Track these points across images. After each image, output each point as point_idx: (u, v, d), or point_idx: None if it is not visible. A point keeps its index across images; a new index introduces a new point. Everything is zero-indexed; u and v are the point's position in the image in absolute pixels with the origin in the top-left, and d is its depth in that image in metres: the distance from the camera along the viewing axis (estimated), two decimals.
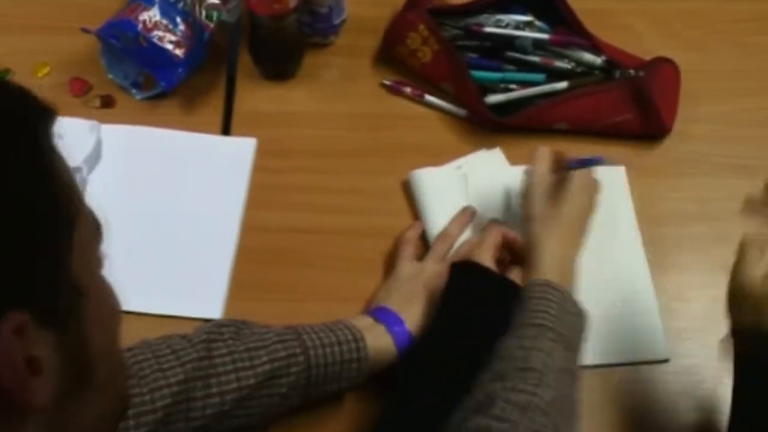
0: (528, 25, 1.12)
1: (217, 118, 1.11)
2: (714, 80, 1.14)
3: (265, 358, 0.80)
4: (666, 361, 0.93)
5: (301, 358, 0.81)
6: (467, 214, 0.99)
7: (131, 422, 0.73)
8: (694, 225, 1.02)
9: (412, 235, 0.98)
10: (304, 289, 0.99)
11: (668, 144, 1.09)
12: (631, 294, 0.97)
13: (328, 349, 0.83)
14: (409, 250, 0.96)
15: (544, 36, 1.09)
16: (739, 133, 1.10)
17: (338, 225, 1.03)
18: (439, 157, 1.07)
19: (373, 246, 1.01)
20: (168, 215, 1.02)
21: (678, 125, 1.10)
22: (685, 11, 1.20)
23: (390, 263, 0.99)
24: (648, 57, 1.11)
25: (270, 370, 0.80)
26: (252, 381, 0.79)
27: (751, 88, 1.14)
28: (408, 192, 1.04)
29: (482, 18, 1.12)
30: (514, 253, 0.94)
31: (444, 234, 0.98)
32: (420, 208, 1.02)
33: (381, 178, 1.07)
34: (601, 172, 0.95)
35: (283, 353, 0.81)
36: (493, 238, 0.92)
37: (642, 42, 1.16)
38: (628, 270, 0.99)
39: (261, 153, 1.08)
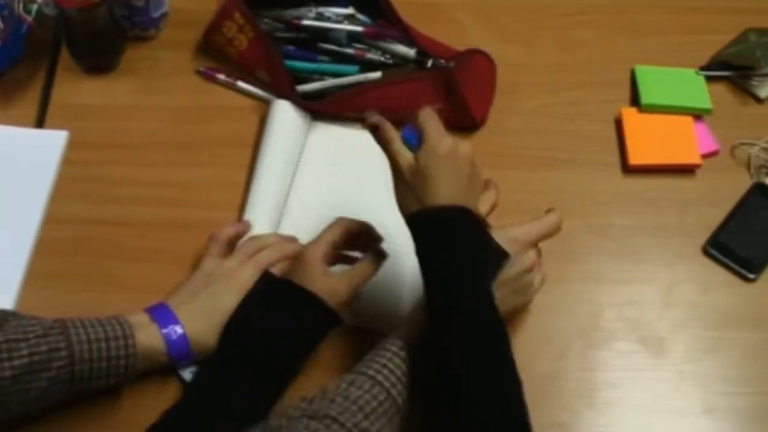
0: (349, 18, 1.12)
1: (33, 111, 1.10)
2: (537, 74, 1.14)
3: (24, 351, 0.79)
4: None
5: (64, 353, 0.80)
6: (293, 245, 0.95)
7: None
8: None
9: (224, 234, 0.95)
10: (108, 281, 0.99)
11: (480, 136, 1.09)
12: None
13: (94, 345, 0.82)
14: (215, 248, 0.94)
15: (358, 28, 1.09)
16: (555, 126, 1.10)
17: (148, 217, 1.03)
18: (256, 149, 1.07)
19: (181, 238, 1.01)
20: None
21: (494, 117, 1.10)
22: (511, 5, 1.19)
23: (200, 256, 0.98)
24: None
25: (28, 363, 0.78)
26: (7, 373, 0.78)
27: (573, 81, 1.14)
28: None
29: (303, 10, 1.11)
30: (363, 243, 0.93)
31: (256, 238, 0.95)
32: (264, 138, 1.04)
33: (196, 169, 1.07)
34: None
35: (44, 347, 0.80)
36: (330, 236, 0.90)
37: (468, 36, 1.16)
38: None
39: (75, 146, 1.08)
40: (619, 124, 1.09)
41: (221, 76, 1.11)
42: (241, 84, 1.11)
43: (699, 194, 1.05)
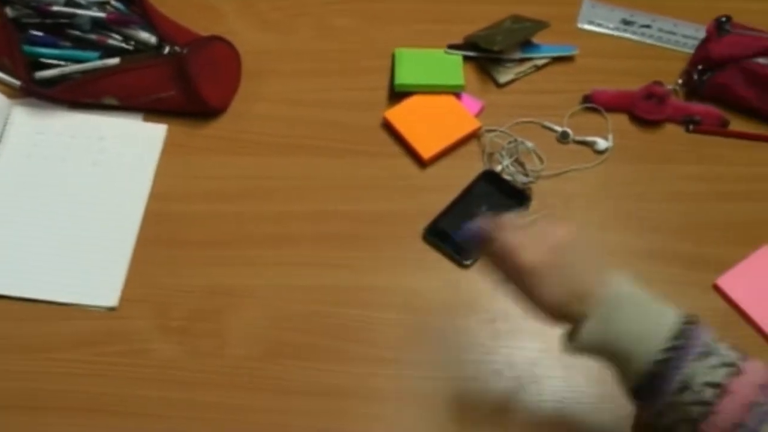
0: (103, 4, 1.12)
1: None
2: (292, 61, 1.15)
3: None
4: (114, 309, 0.95)
5: None
6: None
7: None
8: (217, 202, 1.03)
9: None
10: None
11: (221, 122, 1.09)
12: (111, 241, 0.99)
13: None
14: None
15: (101, 15, 1.09)
16: (304, 113, 1.10)
17: None
18: None
19: None
20: None
21: (239, 104, 1.10)
22: None
23: None
24: (229, 38, 1.11)
25: None
26: None
27: (329, 69, 1.14)
28: None
29: None
30: None
31: None
32: None
33: None
34: (140, 127, 1.06)
35: None
36: None
37: (225, 23, 1.17)
38: (121, 218, 1.01)
39: None
40: (390, 128, 1.08)
41: None
42: None
43: (431, 181, 1.05)
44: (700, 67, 1.10)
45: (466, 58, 1.13)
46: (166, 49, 1.07)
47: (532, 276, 0.73)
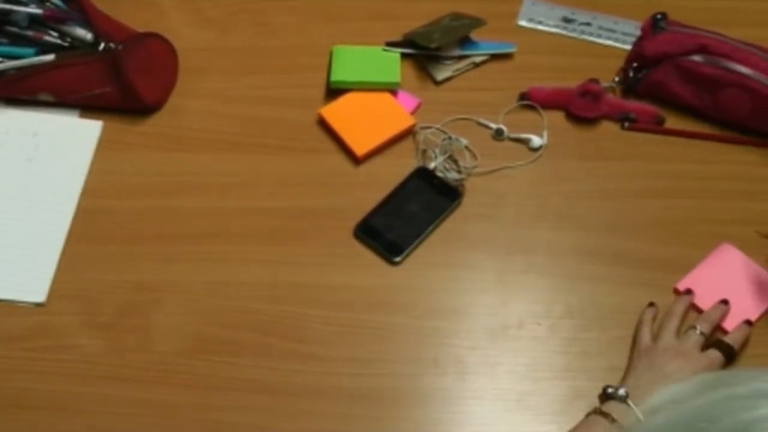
0: (42, 1, 1.12)
1: None
2: (231, 58, 1.15)
3: None
4: (42, 305, 0.95)
5: None
6: None
7: None
8: (150, 199, 1.03)
9: None
10: None
11: (157, 118, 1.09)
12: (41, 237, 0.99)
13: None
14: None
15: (38, 11, 1.09)
16: (239, 110, 1.10)
17: None
18: None
19: None
20: None
21: (176, 100, 1.11)
22: None
23: None
24: (168, 34, 1.11)
25: None
26: None
27: (268, 66, 1.14)
28: None
29: None
30: None
31: None
32: None
33: None
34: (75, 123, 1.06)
35: None
36: None
37: (164, 19, 1.18)
38: (52, 214, 1.01)
39: None
40: (325, 125, 1.08)
41: None
42: None
43: (364, 178, 1.05)
44: (635, 64, 1.10)
45: (405, 56, 1.13)
46: (102, 46, 1.07)
47: None
